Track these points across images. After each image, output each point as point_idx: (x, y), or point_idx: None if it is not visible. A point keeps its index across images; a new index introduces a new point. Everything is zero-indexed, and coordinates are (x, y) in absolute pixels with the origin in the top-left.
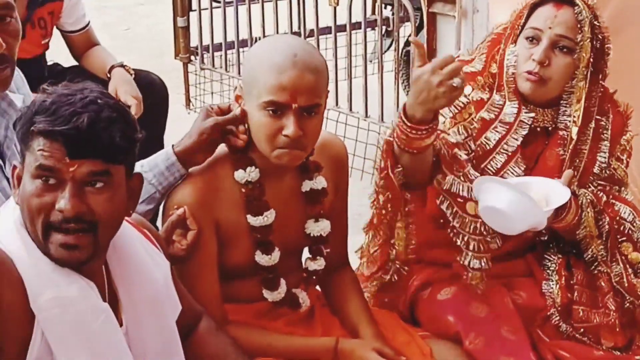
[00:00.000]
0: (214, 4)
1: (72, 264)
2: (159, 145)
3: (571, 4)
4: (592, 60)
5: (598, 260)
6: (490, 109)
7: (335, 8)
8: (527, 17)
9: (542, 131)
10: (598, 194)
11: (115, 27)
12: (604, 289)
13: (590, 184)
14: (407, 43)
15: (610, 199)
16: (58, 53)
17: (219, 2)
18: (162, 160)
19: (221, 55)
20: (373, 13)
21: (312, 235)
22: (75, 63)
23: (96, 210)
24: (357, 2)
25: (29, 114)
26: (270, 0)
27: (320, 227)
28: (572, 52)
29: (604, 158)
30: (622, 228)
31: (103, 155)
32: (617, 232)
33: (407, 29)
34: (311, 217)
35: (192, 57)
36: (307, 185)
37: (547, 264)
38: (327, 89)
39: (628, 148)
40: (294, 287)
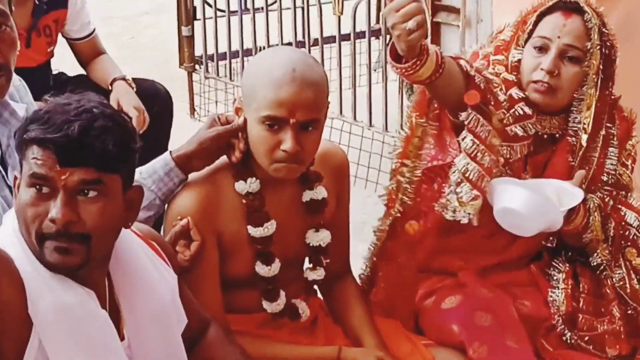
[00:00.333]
0: (219, 13)
1: (66, 269)
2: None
3: (579, 12)
4: (601, 67)
5: (604, 265)
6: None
7: (339, 17)
8: (535, 24)
9: (548, 138)
10: (605, 198)
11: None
12: (609, 296)
13: (598, 190)
14: None
15: (617, 204)
16: (63, 62)
17: (223, 11)
18: (160, 167)
19: (225, 64)
20: (377, 22)
21: (312, 245)
22: (80, 72)
23: (87, 220)
24: (361, 11)
25: (24, 123)
26: (275, 10)
27: (320, 237)
28: (581, 62)
29: (613, 165)
30: (627, 233)
31: (95, 163)
32: (622, 238)
33: None
34: (311, 227)
35: (197, 66)
36: (307, 196)
37: (554, 272)
38: (328, 102)
39: (633, 153)
40: (294, 297)
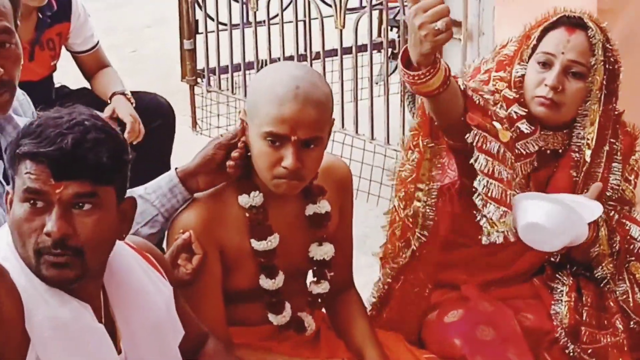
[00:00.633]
0: (221, 27)
1: (62, 283)
2: (165, 167)
3: (583, 27)
4: (605, 82)
5: (608, 278)
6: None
7: (341, 31)
8: (539, 39)
9: (551, 154)
10: (609, 212)
11: (122, 49)
12: (612, 309)
13: (602, 205)
14: None
15: (621, 218)
16: (66, 75)
17: (225, 24)
18: (165, 183)
19: (227, 78)
20: (379, 35)
21: (316, 259)
22: (83, 85)
23: (83, 233)
24: (363, 25)
25: (16, 137)
26: (277, 23)
27: (324, 251)
28: (585, 77)
29: (617, 180)
30: (632, 247)
31: (90, 176)
32: (627, 252)
33: None
34: (315, 241)
35: (199, 80)
36: (310, 209)
37: (557, 285)
38: (332, 119)
39: (636, 168)
40: (299, 310)
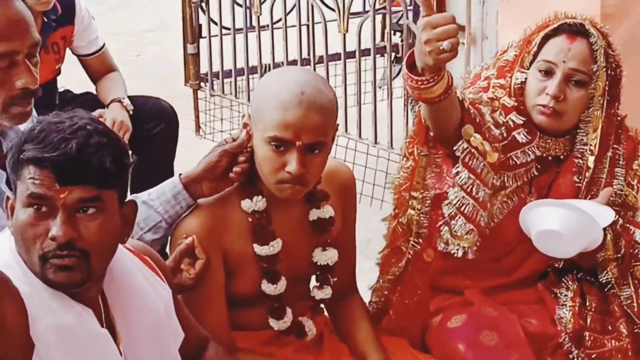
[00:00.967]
0: (224, 31)
1: (69, 286)
2: (168, 171)
3: (584, 34)
4: (607, 88)
5: (612, 283)
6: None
7: (344, 35)
8: (539, 46)
9: (552, 159)
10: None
11: (125, 53)
12: (616, 313)
13: None
14: None
15: (625, 223)
16: (69, 78)
17: (228, 29)
18: (169, 189)
19: (231, 82)
20: (382, 40)
21: (319, 264)
22: (86, 89)
23: (87, 237)
24: (366, 29)
25: (18, 143)
26: (280, 27)
27: (327, 256)
28: (587, 85)
29: (620, 185)
30: (636, 252)
31: (94, 180)
32: (632, 256)
33: None
34: (318, 246)
35: (202, 84)
36: (314, 214)
37: (561, 290)
38: (337, 124)
39: (639, 173)
40: (300, 315)
